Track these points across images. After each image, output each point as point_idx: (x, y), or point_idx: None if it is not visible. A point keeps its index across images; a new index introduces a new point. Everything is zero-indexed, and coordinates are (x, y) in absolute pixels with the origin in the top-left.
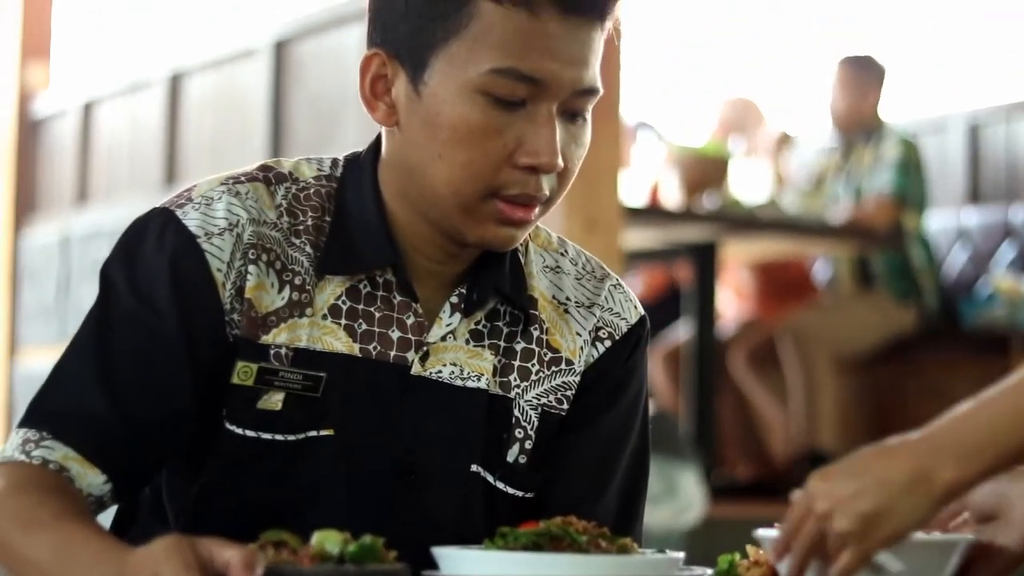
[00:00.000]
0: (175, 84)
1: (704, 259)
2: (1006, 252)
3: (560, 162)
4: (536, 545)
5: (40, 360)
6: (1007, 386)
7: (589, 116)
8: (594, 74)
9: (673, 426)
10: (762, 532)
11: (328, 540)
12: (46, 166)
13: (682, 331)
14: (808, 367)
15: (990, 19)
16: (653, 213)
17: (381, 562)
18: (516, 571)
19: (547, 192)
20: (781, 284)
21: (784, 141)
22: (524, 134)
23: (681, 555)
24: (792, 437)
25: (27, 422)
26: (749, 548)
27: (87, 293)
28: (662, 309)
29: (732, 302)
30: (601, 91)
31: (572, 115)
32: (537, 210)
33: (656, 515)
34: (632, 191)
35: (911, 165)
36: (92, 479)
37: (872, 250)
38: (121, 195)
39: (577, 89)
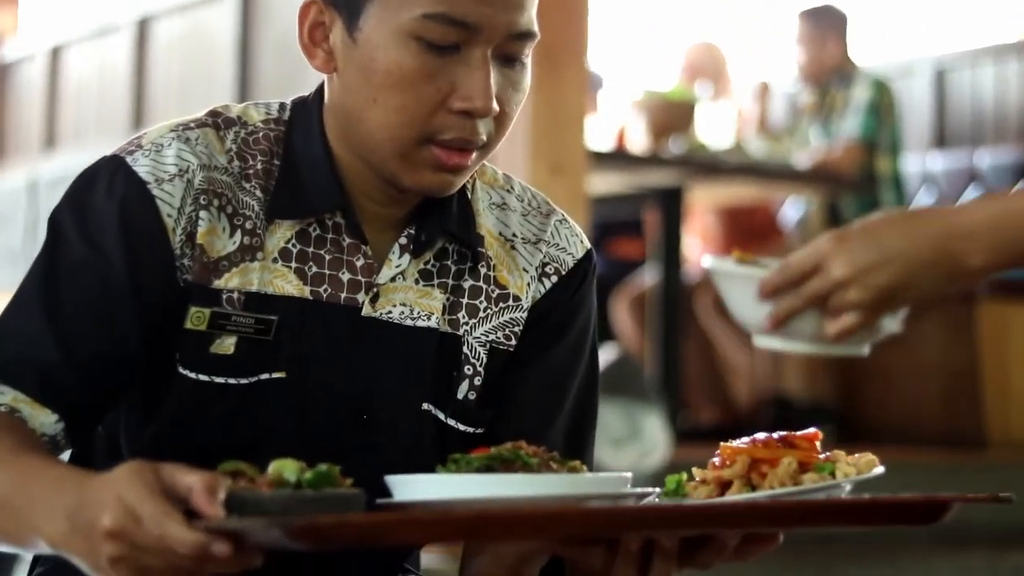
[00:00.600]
0: (143, 28)
1: (670, 203)
2: (971, 196)
3: (495, 106)
4: (488, 468)
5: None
6: None
7: (528, 60)
8: (530, 18)
9: (638, 370)
10: (714, 260)
11: (285, 468)
12: (14, 111)
13: (648, 276)
14: None
15: None
16: (619, 157)
17: (336, 487)
18: (468, 493)
19: (484, 137)
20: (747, 229)
21: (765, 90)
22: (458, 78)
23: (629, 475)
24: (757, 382)
25: None
26: (695, 469)
27: None
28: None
29: (698, 247)
30: (538, 35)
31: (509, 59)
32: (474, 155)
33: (620, 458)
34: (598, 136)
35: (882, 108)
36: (43, 419)
37: (841, 194)
38: (89, 139)
39: (512, 33)
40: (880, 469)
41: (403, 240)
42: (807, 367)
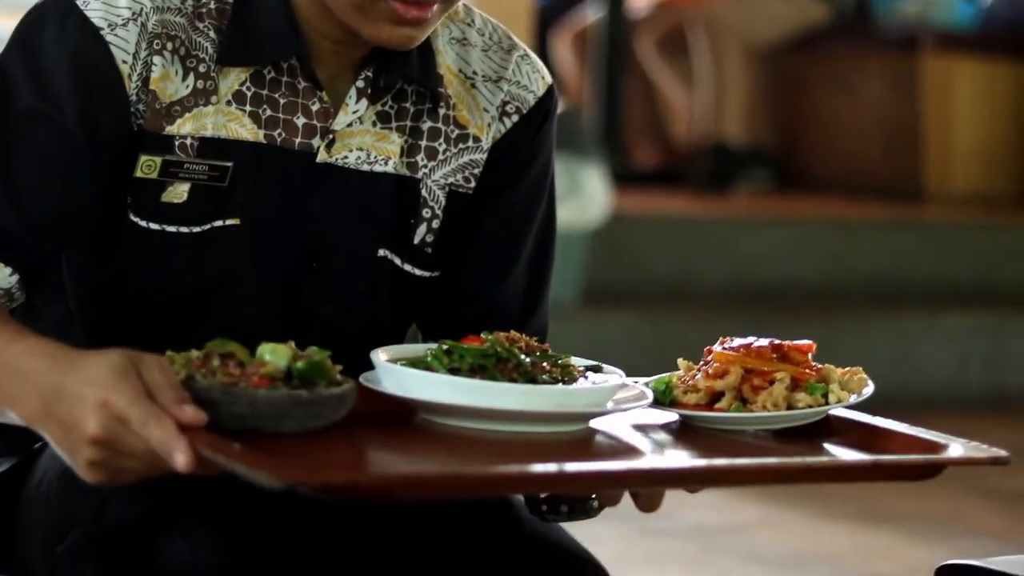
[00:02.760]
0: None
1: None
2: None
3: None
4: (482, 368)
5: None
6: None
7: None
8: None
9: (578, 123)
10: None
11: (276, 354)
12: None
13: (590, 11)
14: (718, 56)
15: None
16: None
17: (329, 378)
18: (462, 399)
19: None
20: None
21: None
22: None
23: (620, 376)
24: (697, 124)
25: None
26: (681, 363)
27: None
28: None
29: None
30: None
31: None
32: (436, 8)
33: (560, 213)
34: None
35: None
36: None
37: None
38: None
39: None
40: (871, 388)
41: (360, 84)
42: (748, 113)
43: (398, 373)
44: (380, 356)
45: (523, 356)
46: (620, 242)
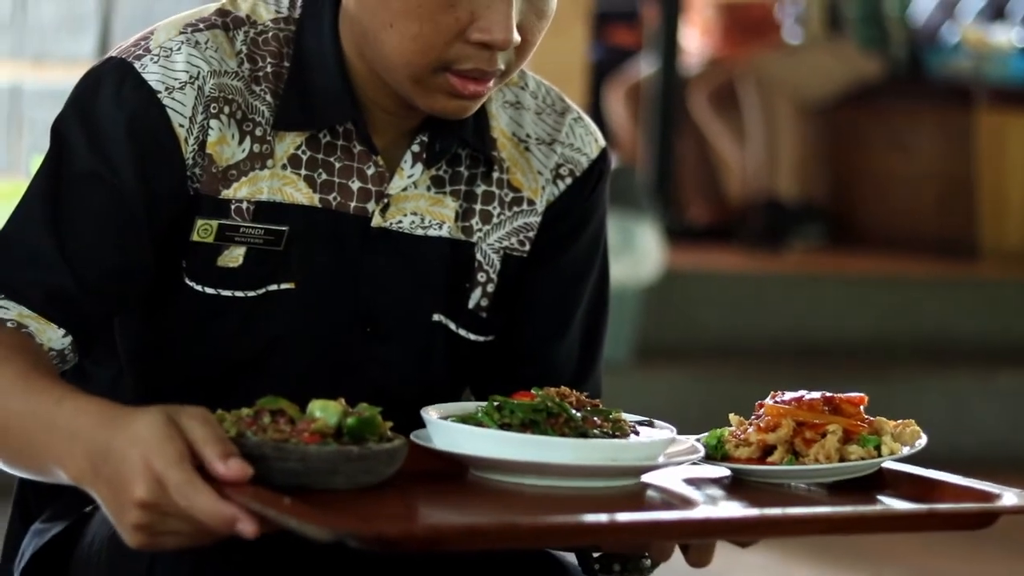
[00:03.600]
0: None
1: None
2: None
3: (515, 38)
4: (533, 423)
5: None
6: None
7: None
8: None
9: (632, 179)
10: None
11: (326, 411)
12: None
13: (643, 65)
14: (769, 111)
15: None
16: None
17: (379, 434)
18: (512, 454)
19: (503, 67)
20: (745, 22)
21: None
22: (478, 9)
23: (671, 430)
24: (749, 181)
25: None
26: (733, 418)
27: (48, 10)
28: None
29: (696, 39)
30: None
31: None
32: (491, 83)
33: (613, 270)
34: None
35: None
36: (51, 334)
37: None
38: None
39: None
40: (923, 440)
41: (416, 148)
42: (800, 169)
43: (448, 429)
44: (431, 413)
45: (574, 411)
46: (673, 299)
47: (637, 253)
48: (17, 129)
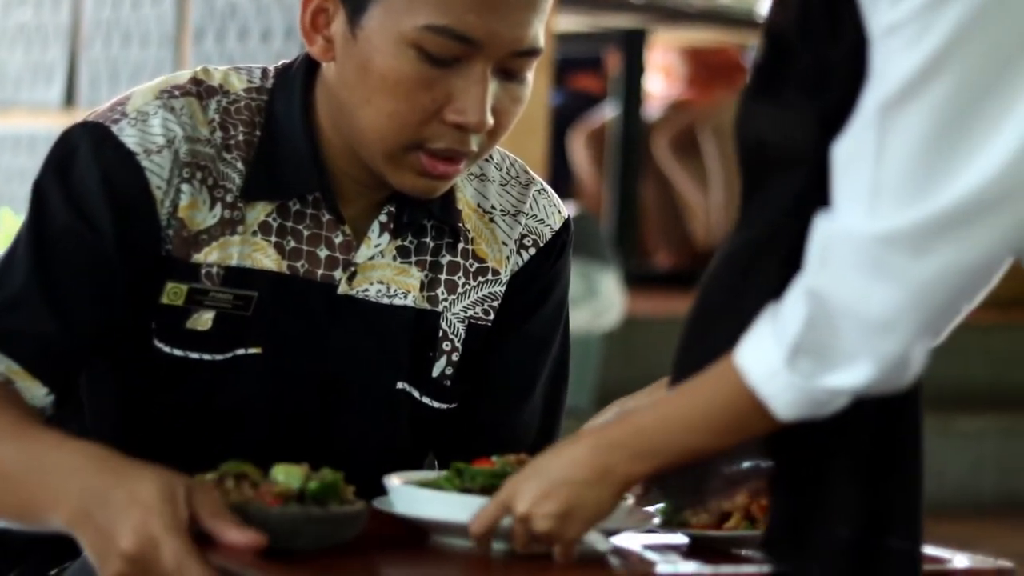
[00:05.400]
0: None
1: (633, 46)
2: None
3: (490, 121)
4: (494, 487)
5: None
6: (680, 391)
7: (531, 74)
8: (535, 35)
9: (595, 227)
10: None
11: (289, 475)
12: None
13: (607, 110)
14: (727, 157)
15: None
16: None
17: (341, 498)
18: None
19: (475, 148)
20: (711, 67)
21: None
22: (455, 91)
23: (630, 501)
24: (712, 226)
25: None
26: None
27: (16, 59)
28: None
29: (660, 84)
30: (542, 51)
31: (510, 74)
32: (462, 165)
33: (576, 318)
34: None
35: None
36: (35, 392)
37: None
38: None
39: (515, 51)
40: None
41: (383, 218)
42: None
43: (409, 493)
44: (393, 480)
45: None
46: (635, 345)
47: (599, 301)
48: None
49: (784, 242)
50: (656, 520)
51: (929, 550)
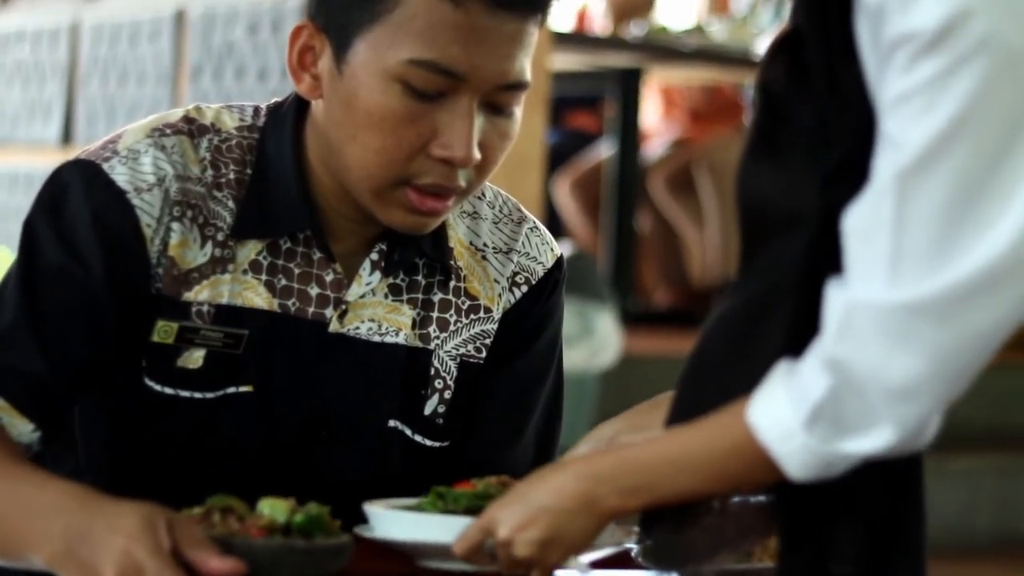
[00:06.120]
0: None
1: (629, 85)
2: None
3: (476, 156)
4: (478, 509)
5: None
6: (678, 434)
7: (519, 109)
8: (521, 68)
9: (590, 266)
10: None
11: (275, 508)
12: None
13: (600, 152)
14: (723, 196)
15: None
16: (580, 39)
17: (327, 531)
18: (453, 537)
19: (463, 184)
20: (715, 106)
21: None
22: (441, 125)
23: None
24: (709, 264)
25: None
26: None
27: (13, 96)
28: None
29: (658, 122)
30: (529, 84)
31: (497, 108)
32: (451, 200)
33: (572, 357)
34: (559, 16)
35: None
36: (21, 428)
37: None
38: None
39: (501, 84)
40: None
41: (375, 256)
42: None
43: (391, 517)
44: (374, 506)
45: None
46: (632, 384)
47: (595, 340)
48: None
49: (787, 303)
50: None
51: None
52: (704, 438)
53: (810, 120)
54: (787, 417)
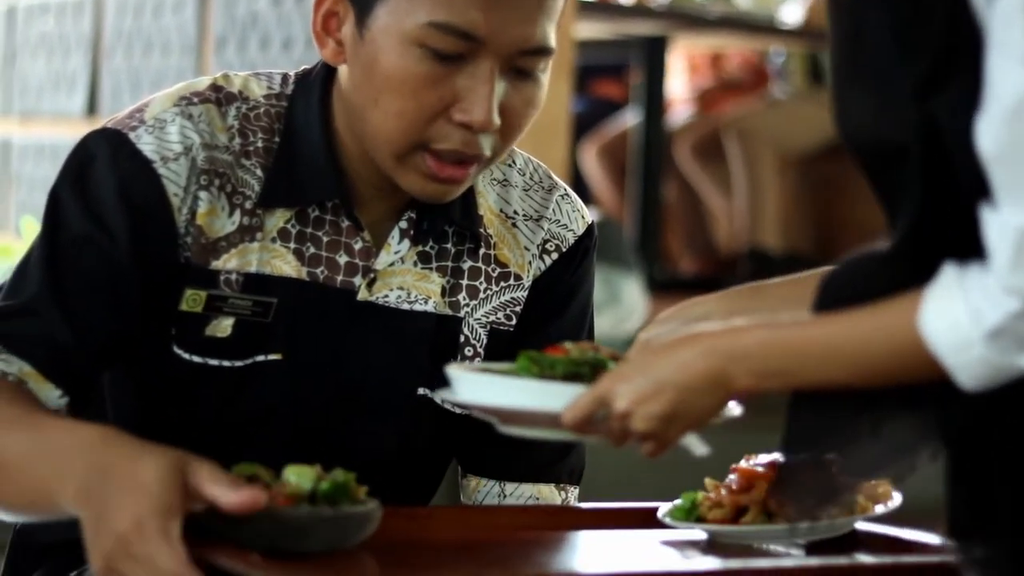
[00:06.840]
0: None
1: (654, 54)
2: None
3: (496, 121)
4: (576, 375)
5: None
6: (830, 322)
7: (545, 75)
8: (544, 32)
9: (617, 233)
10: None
11: (301, 476)
12: None
13: (626, 120)
14: (752, 164)
15: None
16: (605, 7)
17: (353, 498)
18: (552, 404)
19: (487, 151)
20: (738, 72)
21: None
22: (461, 90)
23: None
24: (736, 232)
25: None
26: (708, 483)
27: (37, 68)
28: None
29: (684, 86)
30: (554, 50)
31: (522, 73)
32: (473, 168)
33: (598, 324)
34: None
35: None
36: (48, 393)
37: (824, 48)
38: None
39: (523, 49)
40: (898, 500)
41: (403, 224)
42: (784, 220)
43: (482, 381)
44: (461, 369)
45: (612, 363)
46: None
47: (622, 307)
48: (6, 185)
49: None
50: (737, 411)
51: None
52: (862, 333)
53: (888, 30)
54: (965, 331)
